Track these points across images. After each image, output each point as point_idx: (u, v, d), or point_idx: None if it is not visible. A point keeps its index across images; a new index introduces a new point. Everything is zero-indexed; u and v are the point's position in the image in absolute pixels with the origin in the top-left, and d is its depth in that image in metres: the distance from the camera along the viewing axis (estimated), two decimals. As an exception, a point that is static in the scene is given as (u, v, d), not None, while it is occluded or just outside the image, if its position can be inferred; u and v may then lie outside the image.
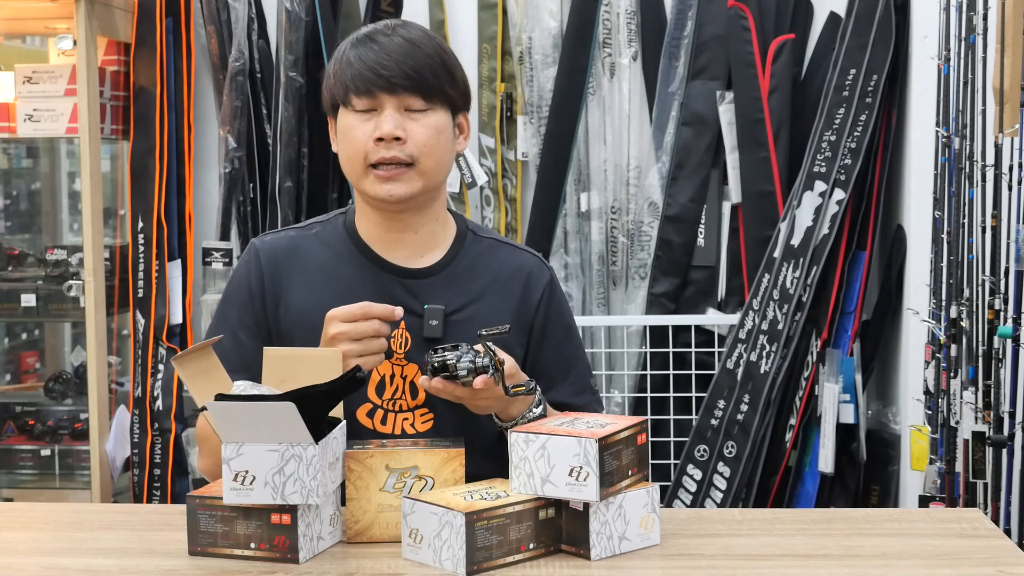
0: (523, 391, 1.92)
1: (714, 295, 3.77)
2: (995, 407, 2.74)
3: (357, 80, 1.98)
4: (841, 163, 3.49)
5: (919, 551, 1.77)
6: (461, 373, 1.85)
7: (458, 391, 1.88)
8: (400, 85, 1.97)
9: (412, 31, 2.02)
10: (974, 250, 2.89)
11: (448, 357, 1.86)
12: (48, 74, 3.73)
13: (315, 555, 1.74)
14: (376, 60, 1.97)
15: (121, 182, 3.92)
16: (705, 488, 3.57)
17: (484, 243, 2.12)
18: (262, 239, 2.12)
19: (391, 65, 1.97)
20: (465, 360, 1.86)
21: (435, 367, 1.87)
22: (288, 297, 2.05)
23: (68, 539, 1.88)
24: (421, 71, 1.98)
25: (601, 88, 3.79)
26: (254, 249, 2.10)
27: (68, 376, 3.99)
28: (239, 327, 2.05)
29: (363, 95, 1.98)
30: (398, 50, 1.98)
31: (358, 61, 1.99)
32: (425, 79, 1.98)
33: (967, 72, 2.94)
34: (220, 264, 3.79)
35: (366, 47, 2.00)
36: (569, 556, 1.74)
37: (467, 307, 2.05)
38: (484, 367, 1.86)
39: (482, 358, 1.86)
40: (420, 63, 1.98)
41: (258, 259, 2.08)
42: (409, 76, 1.97)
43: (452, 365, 1.85)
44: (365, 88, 1.97)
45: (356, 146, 1.99)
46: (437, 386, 1.88)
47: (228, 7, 3.77)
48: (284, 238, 2.11)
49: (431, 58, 1.99)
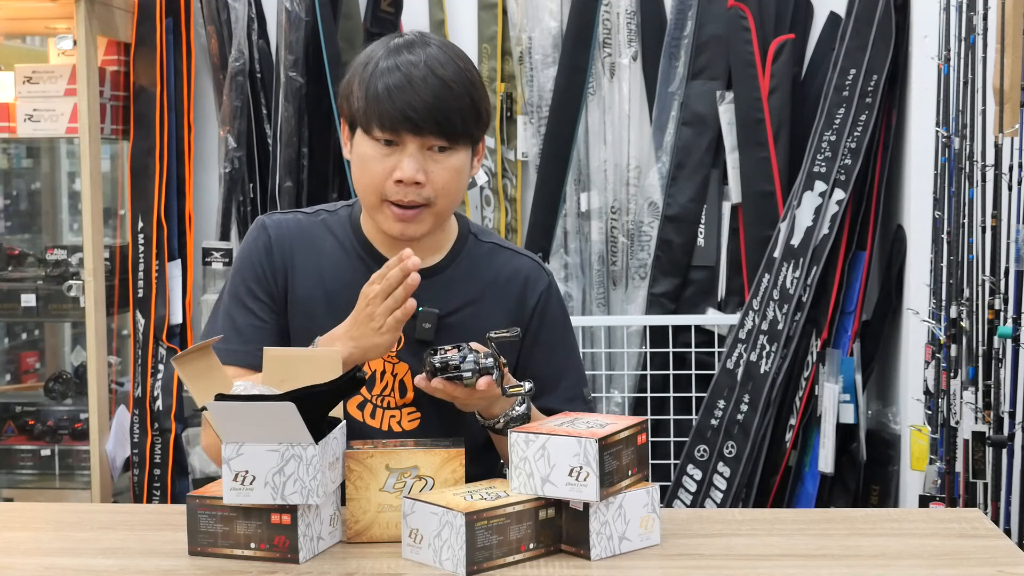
0: (521, 392, 1.92)
1: (714, 295, 3.77)
2: (995, 407, 2.74)
3: (384, 118, 1.92)
4: (841, 163, 3.49)
5: (919, 551, 1.77)
6: (466, 374, 1.85)
7: (457, 392, 1.87)
8: (427, 129, 1.93)
9: (445, 66, 1.94)
10: (974, 250, 2.89)
11: (451, 358, 1.86)
12: (48, 74, 3.73)
13: (315, 555, 1.74)
14: (406, 101, 1.91)
15: (121, 182, 3.92)
16: (705, 488, 3.57)
17: (484, 247, 2.12)
18: (270, 216, 2.11)
19: (420, 108, 1.91)
20: (469, 361, 1.85)
21: (436, 367, 1.87)
22: (294, 278, 2.05)
23: (68, 539, 1.88)
24: (450, 116, 1.93)
25: (601, 88, 3.80)
26: (262, 224, 2.09)
27: (68, 376, 3.99)
28: (252, 299, 2.04)
29: (387, 131, 1.94)
30: (430, 92, 1.91)
31: (387, 96, 1.92)
32: (453, 124, 1.94)
33: (967, 72, 2.94)
34: (220, 264, 3.79)
35: (396, 79, 1.92)
36: (569, 556, 1.74)
37: (462, 310, 2.05)
38: (488, 368, 1.86)
39: (485, 359, 1.86)
40: (449, 107, 1.92)
41: (267, 233, 2.07)
42: (438, 121, 1.92)
43: (456, 366, 1.85)
44: (391, 126, 1.93)
45: (374, 180, 1.96)
46: (437, 386, 1.87)
47: (228, 7, 3.77)
48: (292, 219, 2.10)
49: (460, 99, 1.94)
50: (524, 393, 1.93)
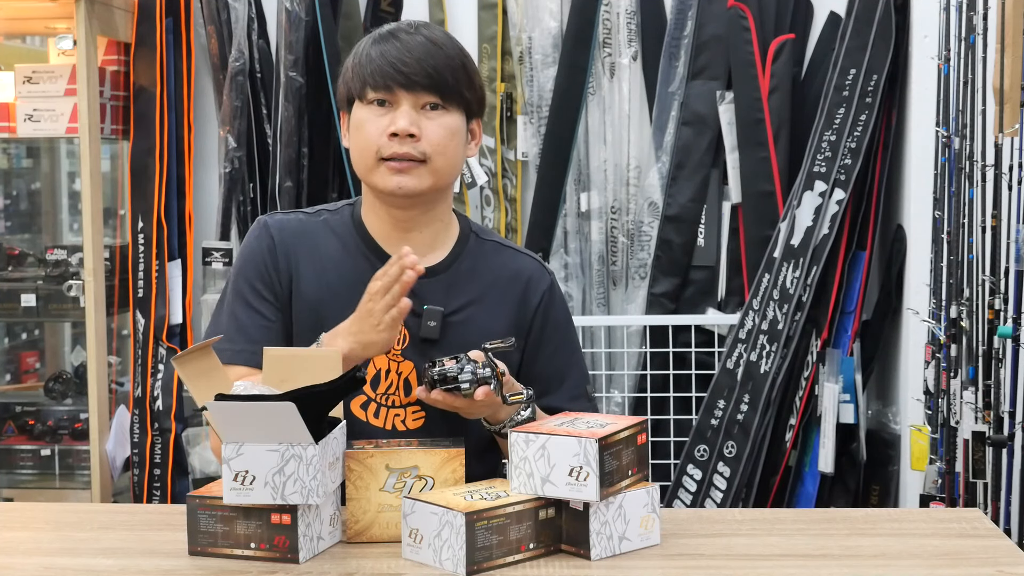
0: (521, 399, 1.94)
1: (714, 295, 3.77)
2: (995, 407, 2.74)
3: (376, 75, 1.98)
4: (841, 163, 3.49)
5: (919, 551, 1.77)
6: (464, 386, 1.87)
7: (457, 402, 1.90)
8: (419, 83, 1.97)
9: (435, 32, 2.03)
10: (974, 250, 2.89)
11: (449, 369, 1.88)
12: (48, 74, 3.73)
13: (315, 555, 1.74)
14: (397, 56, 1.97)
15: (121, 182, 3.92)
16: (705, 488, 3.57)
17: (486, 246, 2.12)
18: (272, 216, 2.11)
19: (411, 62, 1.97)
20: (467, 372, 1.88)
21: (435, 379, 1.89)
22: (298, 279, 2.05)
23: (68, 539, 1.88)
24: (441, 71, 1.98)
25: (601, 88, 3.79)
26: (264, 224, 2.09)
27: (68, 376, 3.99)
28: (257, 298, 2.04)
29: (380, 89, 1.98)
30: (420, 48, 1.98)
31: (379, 56, 1.98)
32: (444, 79, 1.98)
33: (967, 72, 2.94)
34: (220, 264, 3.79)
35: (387, 43, 2.00)
36: (569, 556, 1.74)
37: (465, 309, 2.05)
38: (486, 379, 1.87)
39: (483, 369, 1.88)
40: (440, 63, 1.98)
41: (269, 233, 2.07)
42: (429, 75, 1.97)
43: (454, 377, 1.87)
44: (383, 83, 1.97)
45: (369, 139, 1.99)
46: (437, 398, 1.90)
47: (228, 7, 3.77)
48: (294, 220, 2.10)
49: (452, 59, 1.99)
50: (524, 401, 1.94)
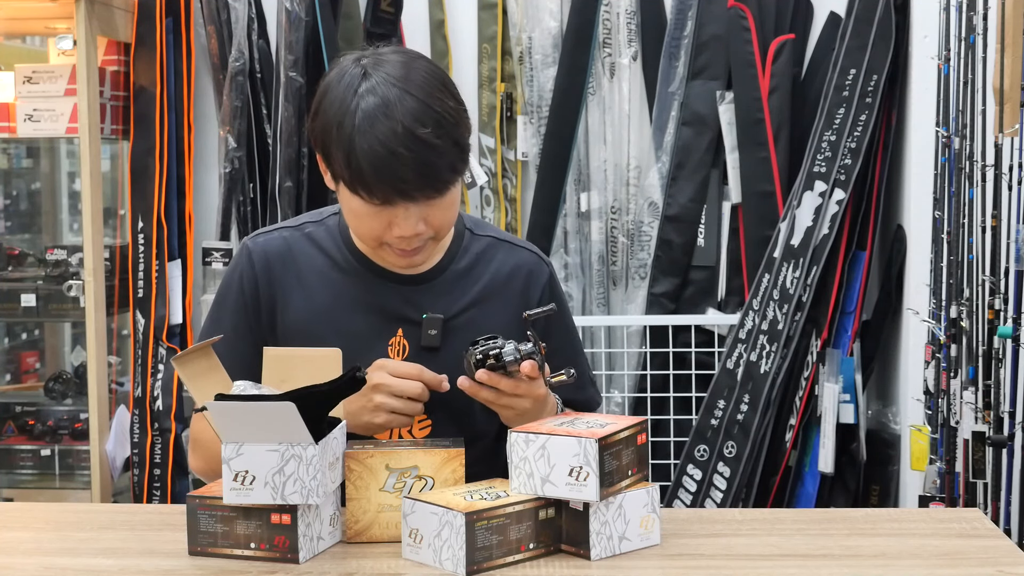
0: (563, 378, 1.90)
1: (714, 295, 3.77)
2: (995, 407, 2.74)
3: (375, 192, 1.82)
4: (841, 163, 3.50)
5: (919, 551, 1.77)
6: (508, 359, 1.83)
7: (503, 383, 1.86)
8: (421, 194, 1.84)
9: (422, 120, 1.80)
10: (974, 250, 2.89)
11: (491, 347, 1.85)
12: (48, 74, 3.73)
13: (315, 555, 1.74)
14: (395, 174, 1.80)
15: (121, 182, 3.92)
16: (705, 488, 3.57)
17: (482, 241, 2.08)
18: (254, 240, 2.06)
19: (411, 179, 1.80)
20: (510, 346, 1.84)
21: (478, 360, 1.85)
22: (284, 305, 2.01)
23: (68, 539, 1.88)
24: (440, 174, 1.83)
25: (601, 88, 3.80)
26: (246, 251, 2.04)
27: (68, 376, 3.99)
28: (232, 331, 2.00)
29: (377, 201, 1.83)
30: (416, 161, 1.79)
31: (372, 172, 1.80)
32: (444, 179, 1.84)
33: (967, 72, 2.94)
34: (220, 264, 3.79)
35: (379, 155, 1.79)
36: (569, 556, 1.74)
37: (466, 312, 2.02)
38: (529, 353, 1.85)
39: (526, 345, 1.85)
40: (438, 165, 1.82)
41: (251, 262, 2.03)
42: (429, 184, 1.83)
43: (497, 354, 1.83)
44: (383, 199, 1.83)
45: (372, 232, 1.88)
46: (483, 378, 1.85)
47: (228, 7, 3.77)
48: (277, 239, 2.04)
49: (447, 154, 1.82)
50: (567, 381, 1.90)
